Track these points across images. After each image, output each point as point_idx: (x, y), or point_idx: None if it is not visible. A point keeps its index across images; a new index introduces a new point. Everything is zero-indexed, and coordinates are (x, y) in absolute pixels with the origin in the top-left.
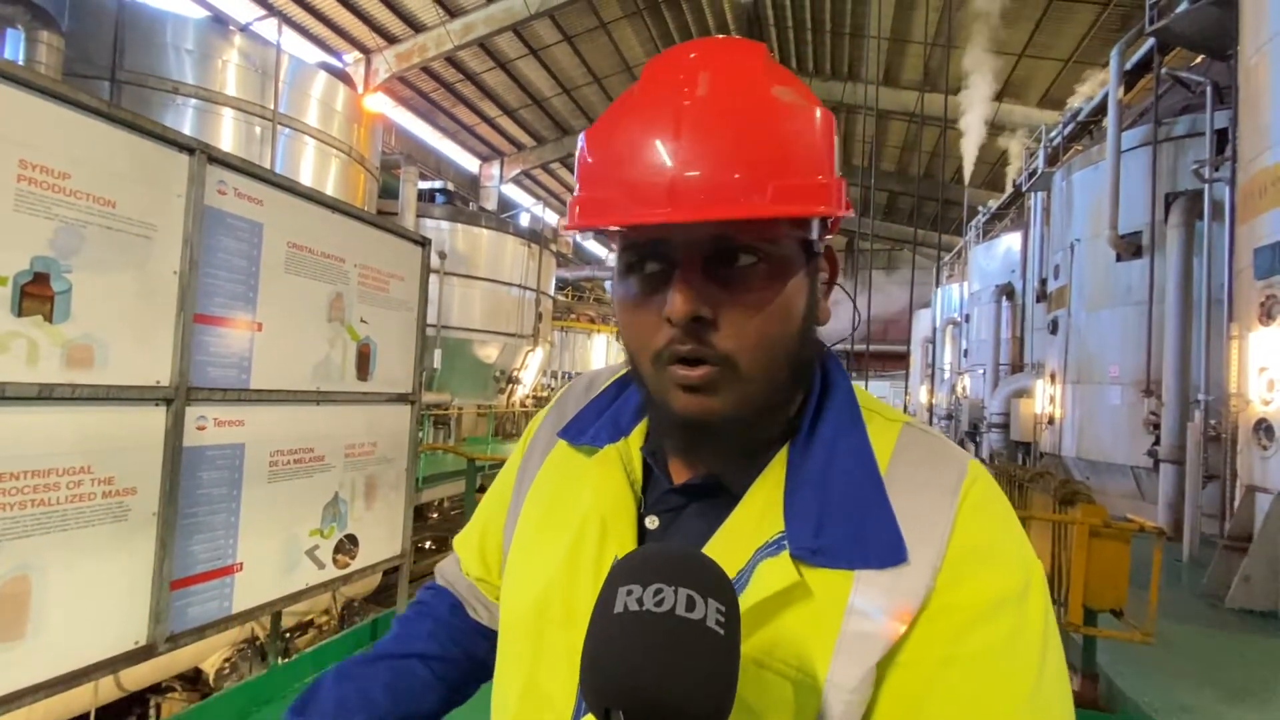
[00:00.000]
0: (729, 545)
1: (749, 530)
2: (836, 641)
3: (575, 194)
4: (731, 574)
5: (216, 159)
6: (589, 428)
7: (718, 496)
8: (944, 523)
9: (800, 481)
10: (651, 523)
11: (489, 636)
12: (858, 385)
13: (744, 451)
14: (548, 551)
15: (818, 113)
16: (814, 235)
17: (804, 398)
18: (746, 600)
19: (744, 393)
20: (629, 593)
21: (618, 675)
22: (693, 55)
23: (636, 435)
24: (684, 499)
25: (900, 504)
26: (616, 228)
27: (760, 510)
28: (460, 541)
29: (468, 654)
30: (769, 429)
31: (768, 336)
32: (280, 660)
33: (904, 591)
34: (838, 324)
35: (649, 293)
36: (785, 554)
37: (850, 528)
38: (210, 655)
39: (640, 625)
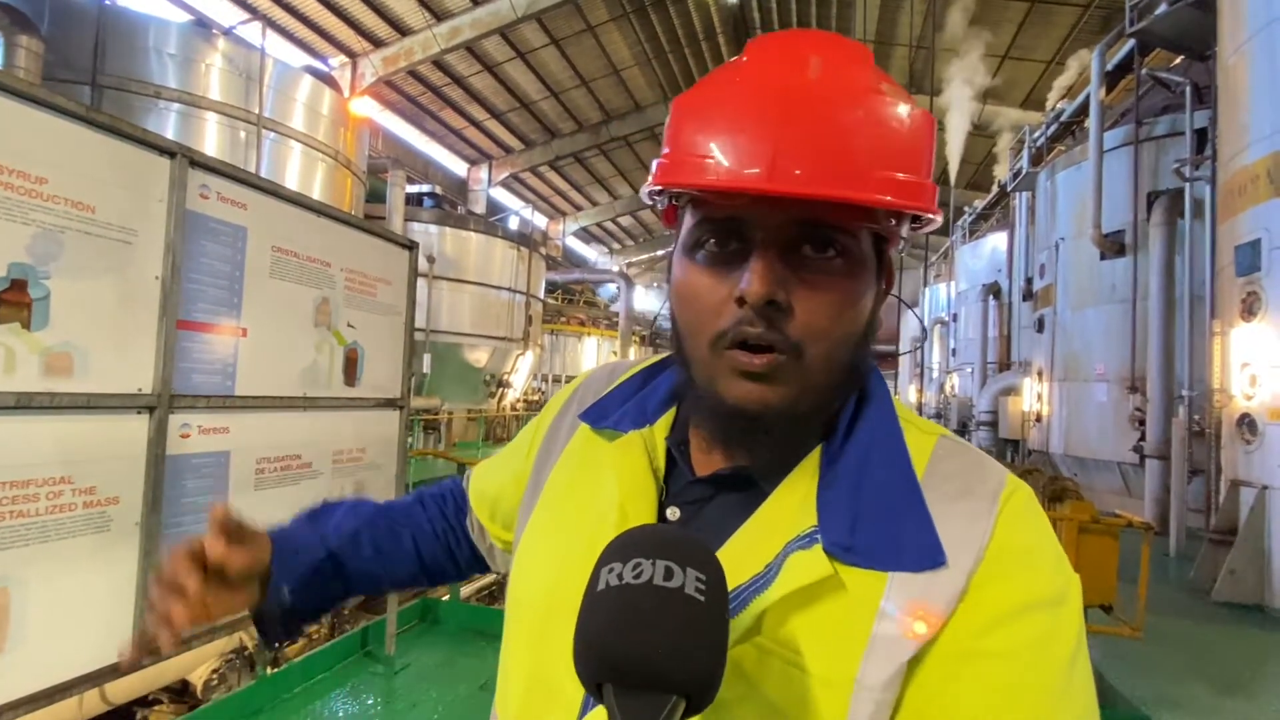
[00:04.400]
0: (759, 536)
1: (781, 522)
2: (868, 643)
3: (663, 154)
4: (760, 566)
5: (198, 162)
6: (612, 413)
7: (744, 490)
8: (983, 528)
9: (834, 479)
10: (673, 514)
11: (469, 548)
12: (895, 397)
13: (780, 447)
14: (564, 538)
15: (920, 114)
16: (904, 234)
17: (843, 401)
18: (776, 591)
19: (803, 386)
20: (610, 570)
21: (601, 648)
22: (802, 40)
23: (662, 425)
24: (709, 491)
25: (938, 511)
26: (689, 194)
27: (794, 504)
28: (477, 490)
29: (449, 553)
30: (811, 429)
31: (837, 333)
32: (269, 670)
33: (937, 596)
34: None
35: (718, 272)
36: (818, 547)
37: (885, 530)
38: (198, 666)
39: (619, 598)
